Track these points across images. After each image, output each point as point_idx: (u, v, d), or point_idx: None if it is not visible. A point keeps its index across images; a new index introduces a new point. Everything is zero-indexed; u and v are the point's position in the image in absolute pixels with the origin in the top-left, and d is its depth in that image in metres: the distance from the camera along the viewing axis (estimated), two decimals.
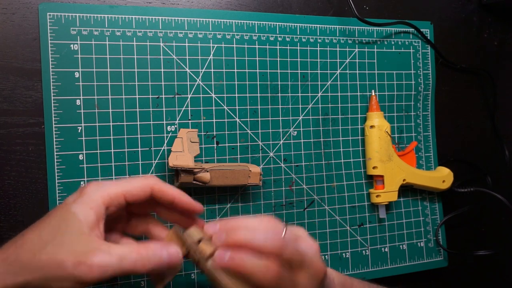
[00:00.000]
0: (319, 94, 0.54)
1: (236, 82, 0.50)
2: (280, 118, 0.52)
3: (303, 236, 0.38)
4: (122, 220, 0.39)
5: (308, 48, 0.53)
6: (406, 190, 0.58)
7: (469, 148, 0.63)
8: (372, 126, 0.53)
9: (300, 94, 0.53)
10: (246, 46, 0.51)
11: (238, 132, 0.50)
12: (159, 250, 0.33)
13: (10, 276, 0.31)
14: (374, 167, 0.53)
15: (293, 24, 0.53)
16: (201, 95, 0.49)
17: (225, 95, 0.50)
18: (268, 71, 0.51)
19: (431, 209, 0.59)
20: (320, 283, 0.37)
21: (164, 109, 0.47)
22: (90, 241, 0.32)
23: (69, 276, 0.30)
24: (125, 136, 0.46)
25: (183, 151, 0.43)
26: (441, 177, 0.56)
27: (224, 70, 0.50)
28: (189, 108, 0.48)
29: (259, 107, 0.51)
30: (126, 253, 0.32)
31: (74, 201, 0.33)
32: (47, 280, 0.31)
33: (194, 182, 0.44)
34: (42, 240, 0.32)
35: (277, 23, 0.52)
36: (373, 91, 0.56)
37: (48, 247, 0.31)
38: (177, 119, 0.48)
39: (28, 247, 0.32)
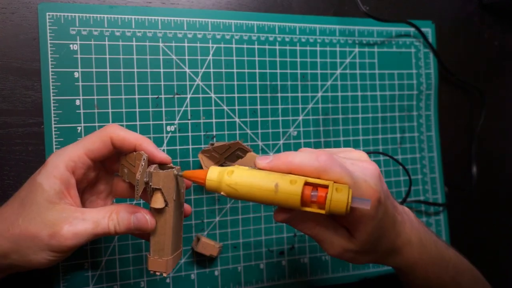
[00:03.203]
0: (319, 94, 0.54)
1: (235, 82, 0.50)
2: (280, 118, 0.52)
3: (360, 159, 0.34)
4: (103, 182, 0.39)
5: (308, 48, 0.53)
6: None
7: (469, 148, 0.62)
8: None
9: (300, 94, 0.53)
10: (245, 46, 0.51)
11: (237, 132, 0.50)
12: (126, 216, 0.34)
13: None
14: None
15: (292, 24, 0.52)
16: (200, 95, 0.49)
17: (224, 95, 0.50)
18: (268, 71, 0.51)
19: (433, 209, 0.59)
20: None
21: (163, 109, 0.47)
22: (62, 209, 0.32)
23: (45, 246, 0.31)
24: None
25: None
26: None
27: (223, 70, 0.50)
28: (189, 108, 0.48)
29: (258, 107, 0.51)
30: (100, 218, 0.33)
31: (39, 172, 0.33)
32: (24, 252, 0.31)
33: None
34: (14, 214, 0.32)
35: (277, 23, 0.52)
36: None
37: (19, 220, 0.31)
38: (177, 119, 0.48)
39: (2, 220, 0.32)
